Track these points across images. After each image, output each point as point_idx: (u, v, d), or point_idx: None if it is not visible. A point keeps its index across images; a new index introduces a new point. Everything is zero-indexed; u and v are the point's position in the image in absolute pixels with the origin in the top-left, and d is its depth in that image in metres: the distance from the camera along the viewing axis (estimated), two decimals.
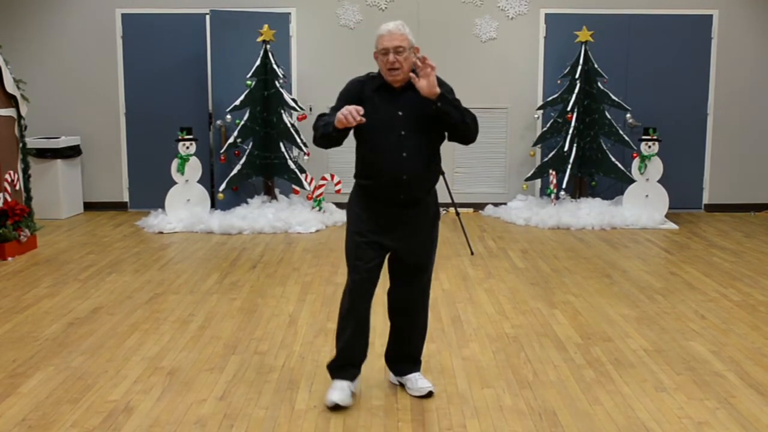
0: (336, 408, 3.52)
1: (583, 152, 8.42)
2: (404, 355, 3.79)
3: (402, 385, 3.78)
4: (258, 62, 8.05)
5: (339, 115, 3.32)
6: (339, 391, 3.56)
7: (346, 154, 8.88)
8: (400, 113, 3.46)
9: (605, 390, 3.75)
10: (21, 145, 7.13)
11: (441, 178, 6.93)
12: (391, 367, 3.83)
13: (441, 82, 3.45)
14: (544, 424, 3.38)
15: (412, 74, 3.42)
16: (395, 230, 3.53)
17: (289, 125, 8.10)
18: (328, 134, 3.42)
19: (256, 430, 3.33)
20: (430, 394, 3.67)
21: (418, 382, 3.71)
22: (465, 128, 3.48)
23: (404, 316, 3.73)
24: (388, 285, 3.76)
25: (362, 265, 3.51)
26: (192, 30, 8.56)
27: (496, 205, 8.80)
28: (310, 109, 8.75)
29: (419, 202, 3.54)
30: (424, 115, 3.44)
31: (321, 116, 3.55)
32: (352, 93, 3.51)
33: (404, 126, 3.45)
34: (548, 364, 4.10)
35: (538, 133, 8.67)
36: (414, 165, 3.45)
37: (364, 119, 3.32)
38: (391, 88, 3.49)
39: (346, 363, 3.64)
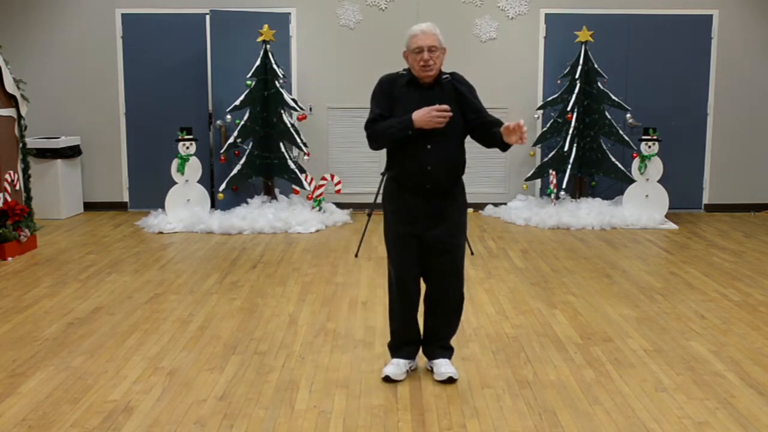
0: (387, 380, 3.80)
1: (583, 152, 8.42)
2: (431, 338, 3.92)
3: (431, 371, 3.90)
4: (258, 62, 8.05)
5: (426, 118, 3.55)
6: (394, 366, 3.86)
7: (345, 154, 8.91)
8: None
9: (605, 390, 3.75)
10: (21, 145, 7.13)
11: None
12: (423, 349, 3.96)
13: (462, 81, 3.78)
14: (544, 424, 3.38)
15: (507, 124, 3.60)
16: (424, 219, 3.74)
17: (289, 125, 8.10)
18: (403, 137, 3.65)
19: (256, 430, 3.33)
20: (450, 380, 3.78)
21: (441, 367, 3.82)
22: (498, 148, 3.77)
23: (437, 302, 3.88)
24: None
25: (401, 257, 3.81)
26: (192, 30, 8.56)
27: (496, 205, 8.80)
28: (310, 109, 8.77)
29: (447, 192, 3.74)
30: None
31: (374, 122, 3.73)
32: (386, 89, 3.76)
33: None
34: (548, 364, 4.10)
35: (538, 133, 8.66)
36: (438, 156, 3.66)
37: (450, 114, 3.60)
38: (419, 84, 3.72)
39: (400, 343, 3.93)
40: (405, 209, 3.77)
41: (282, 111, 8.12)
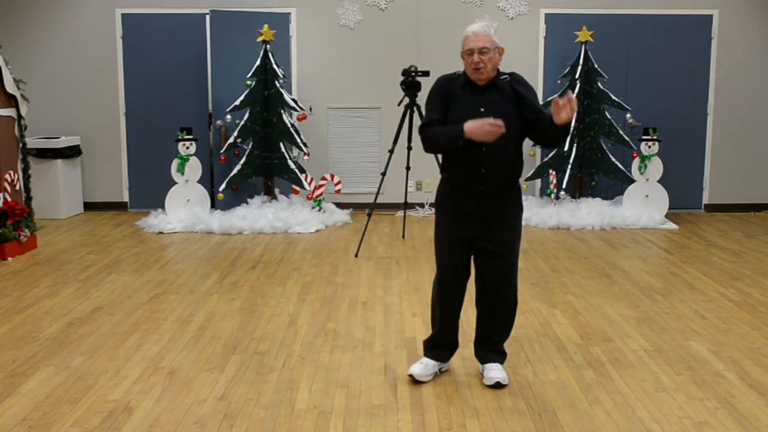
0: (412, 379, 3.78)
1: (583, 152, 8.42)
2: (484, 342, 3.89)
3: (482, 374, 3.87)
4: (258, 62, 8.05)
5: (479, 131, 3.46)
6: (422, 366, 3.83)
7: (345, 154, 8.92)
8: (482, 110, 3.60)
9: (605, 390, 3.75)
10: (21, 145, 7.13)
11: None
12: (475, 352, 3.94)
13: (522, 82, 3.72)
14: (544, 424, 3.38)
15: (556, 98, 3.55)
16: (479, 222, 3.68)
17: (289, 125, 8.10)
18: (455, 146, 3.58)
19: (256, 430, 3.33)
20: (497, 385, 3.74)
21: (491, 371, 3.79)
22: (555, 140, 3.72)
23: (490, 307, 3.85)
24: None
25: (450, 259, 3.75)
26: (192, 30, 8.56)
27: None
28: (310, 109, 8.76)
29: (502, 195, 3.68)
30: (505, 113, 3.59)
31: (427, 126, 3.68)
32: (441, 91, 3.71)
33: None
34: (548, 364, 4.10)
35: None
36: (493, 159, 3.60)
37: (503, 129, 3.47)
38: (475, 86, 3.67)
39: (436, 344, 3.90)
40: (459, 212, 3.70)
41: (282, 111, 8.12)
